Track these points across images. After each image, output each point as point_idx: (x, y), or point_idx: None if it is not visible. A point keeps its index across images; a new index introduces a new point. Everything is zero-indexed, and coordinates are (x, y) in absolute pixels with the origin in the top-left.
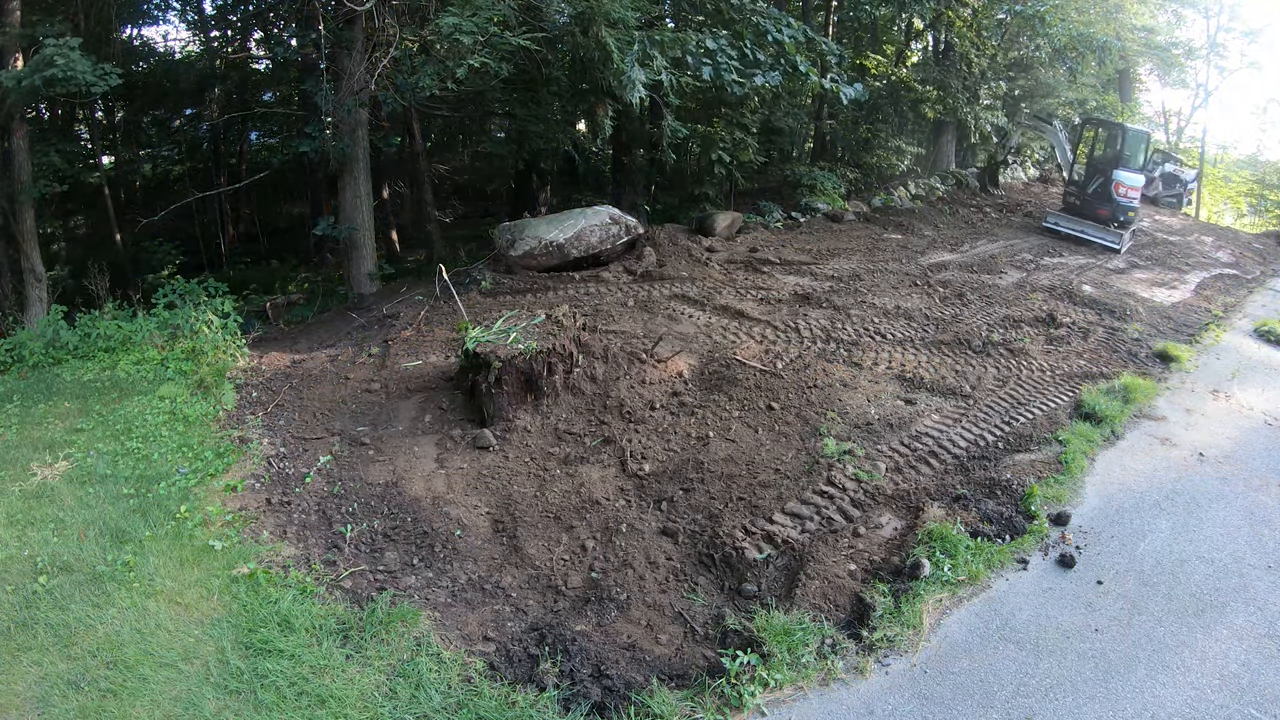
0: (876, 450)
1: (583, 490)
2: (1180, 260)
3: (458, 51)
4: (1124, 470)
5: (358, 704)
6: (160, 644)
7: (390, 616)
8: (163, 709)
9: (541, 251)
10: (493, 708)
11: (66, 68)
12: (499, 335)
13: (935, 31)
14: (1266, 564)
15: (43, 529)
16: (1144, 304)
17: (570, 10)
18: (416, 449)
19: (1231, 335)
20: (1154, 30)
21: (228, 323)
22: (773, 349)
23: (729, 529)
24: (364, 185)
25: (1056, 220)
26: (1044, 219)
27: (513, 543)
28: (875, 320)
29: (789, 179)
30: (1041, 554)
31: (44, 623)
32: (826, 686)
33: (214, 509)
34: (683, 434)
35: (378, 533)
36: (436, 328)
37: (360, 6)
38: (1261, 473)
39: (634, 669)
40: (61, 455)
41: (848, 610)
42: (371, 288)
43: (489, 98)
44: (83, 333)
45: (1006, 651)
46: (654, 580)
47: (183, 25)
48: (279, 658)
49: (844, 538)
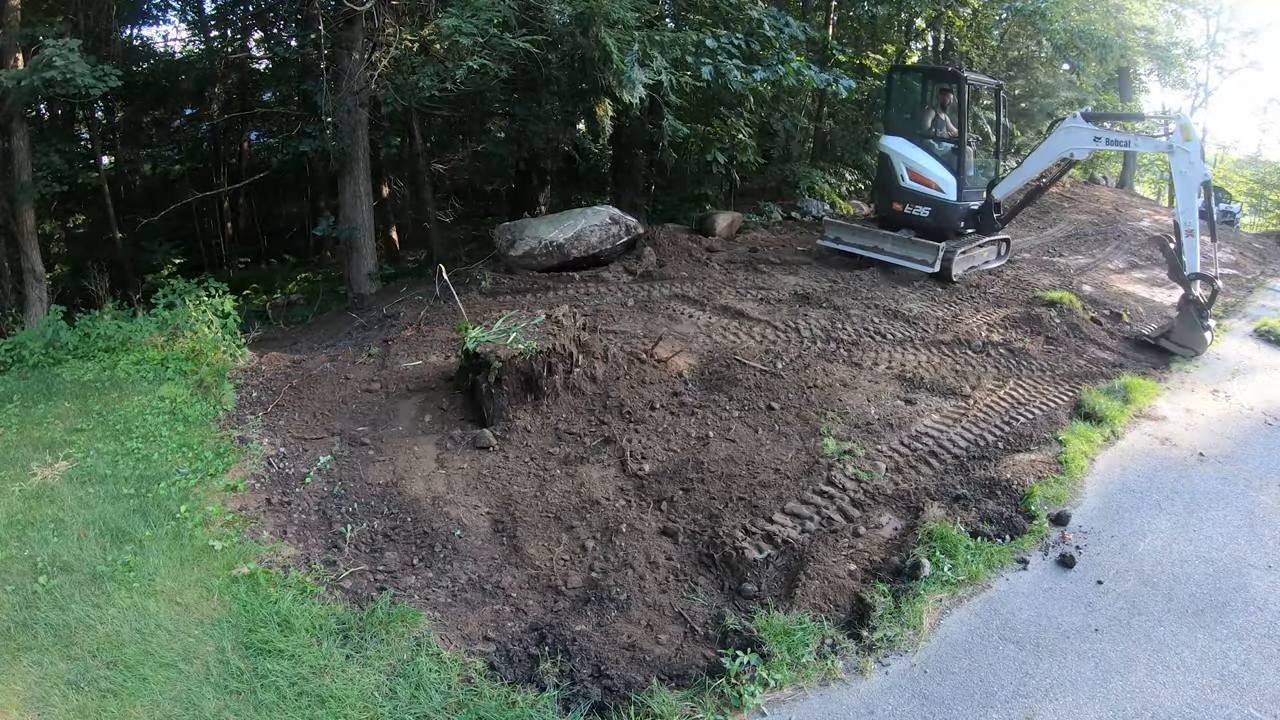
0: (876, 450)
1: (583, 490)
2: None
3: (457, 53)
4: (1124, 470)
5: (358, 704)
6: (160, 644)
7: (390, 616)
8: (163, 709)
9: (541, 251)
10: (493, 708)
11: (66, 69)
12: (499, 335)
13: (935, 31)
14: (1266, 564)
15: (43, 529)
16: (1144, 304)
17: (570, 10)
18: (416, 449)
19: (1231, 335)
20: (1154, 30)
21: (228, 323)
22: (773, 349)
23: (729, 529)
24: (364, 185)
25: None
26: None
27: (513, 543)
28: (875, 320)
29: (789, 179)
30: (1041, 554)
31: (44, 623)
32: (826, 686)
33: (214, 509)
34: (683, 434)
35: (378, 533)
36: (436, 328)
37: (360, 6)
38: (1261, 473)
39: (634, 669)
40: (61, 455)
41: (848, 610)
42: (371, 288)
43: (489, 98)
44: (82, 333)
45: (1006, 651)
46: (654, 580)
47: (183, 25)
48: (279, 658)
49: (844, 538)
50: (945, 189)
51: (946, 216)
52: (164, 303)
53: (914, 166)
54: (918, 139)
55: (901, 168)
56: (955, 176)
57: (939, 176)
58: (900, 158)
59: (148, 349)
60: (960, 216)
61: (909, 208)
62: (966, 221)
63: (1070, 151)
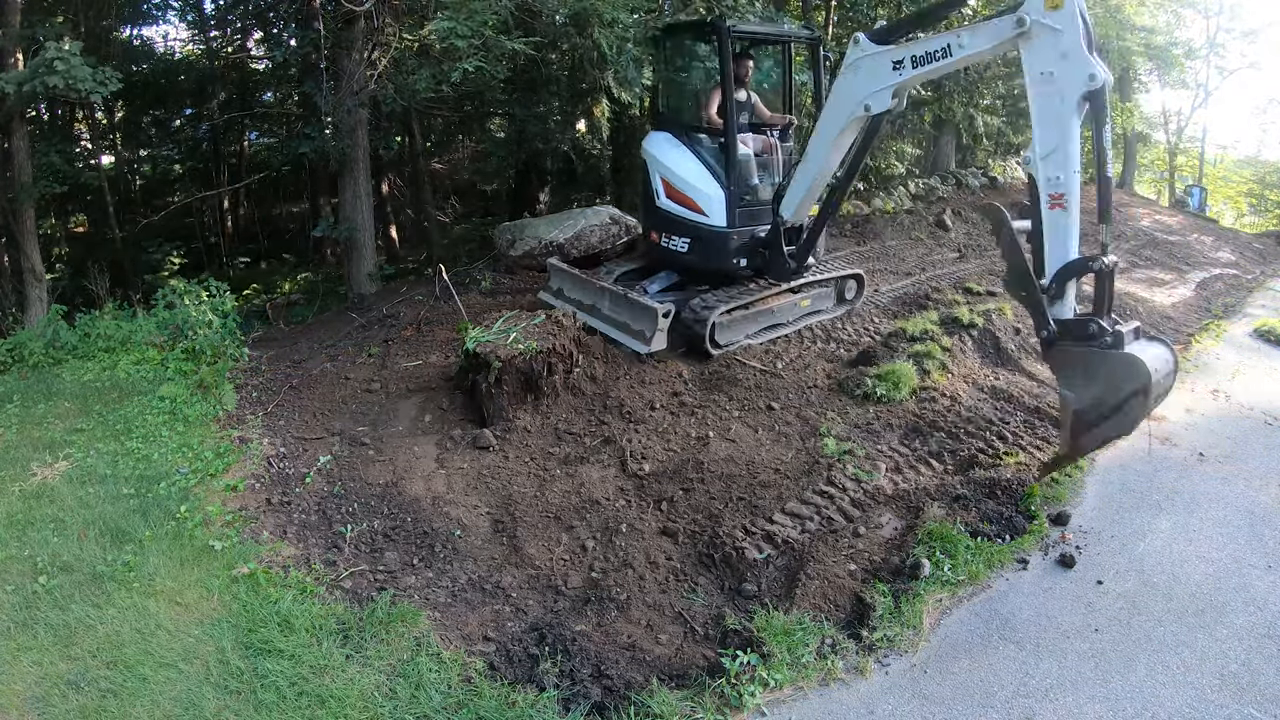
0: (876, 450)
1: (583, 490)
2: (1180, 260)
3: (453, 54)
4: (1124, 470)
5: (358, 704)
6: (160, 644)
7: (390, 616)
8: (163, 709)
9: (541, 251)
10: (493, 708)
11: (67, 74)
12: (499, 335)
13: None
14: (1266, 564)
15: (43, 529)
16: (1143, 304)
17: (567, 11)
18: (416, 449)
19: (1231, 335)
20: (1154, 30)
21: (228, 322)
22: (773, 349)
23: (729, 529)
24: (364, 185)
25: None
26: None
27: (513, 543)
28: (875, 319)
29: None
30: (1041, 554)
31: (44, 623)
32: (826, 686)
33: (214, 509)
34: (683, 434)
35: (378, 533)
36: (436, 328)
37: (360, 7)
38: (1261, 473)
39: (634, 669)
40: (61, 455)
41: (848, 610)
42: (371, 288)
43: (488, 98)
44: (82, 333)
45: (1006, 651)
46: (654, 580)
47: (183, 25)
48: (279, 658)
49: (844, 538)
50: (709, 209)
51: (714, 252)
52: (164, 303)
53: (671, 177)
54: (687, 134)
55: (656, 180)
56: (724, 190)
57: (701, 191)
58: (656, 164)
59: (148, 349)
60: (735, 251)
61: (666, 239)
62: (749, 258)
63: (864, 104)
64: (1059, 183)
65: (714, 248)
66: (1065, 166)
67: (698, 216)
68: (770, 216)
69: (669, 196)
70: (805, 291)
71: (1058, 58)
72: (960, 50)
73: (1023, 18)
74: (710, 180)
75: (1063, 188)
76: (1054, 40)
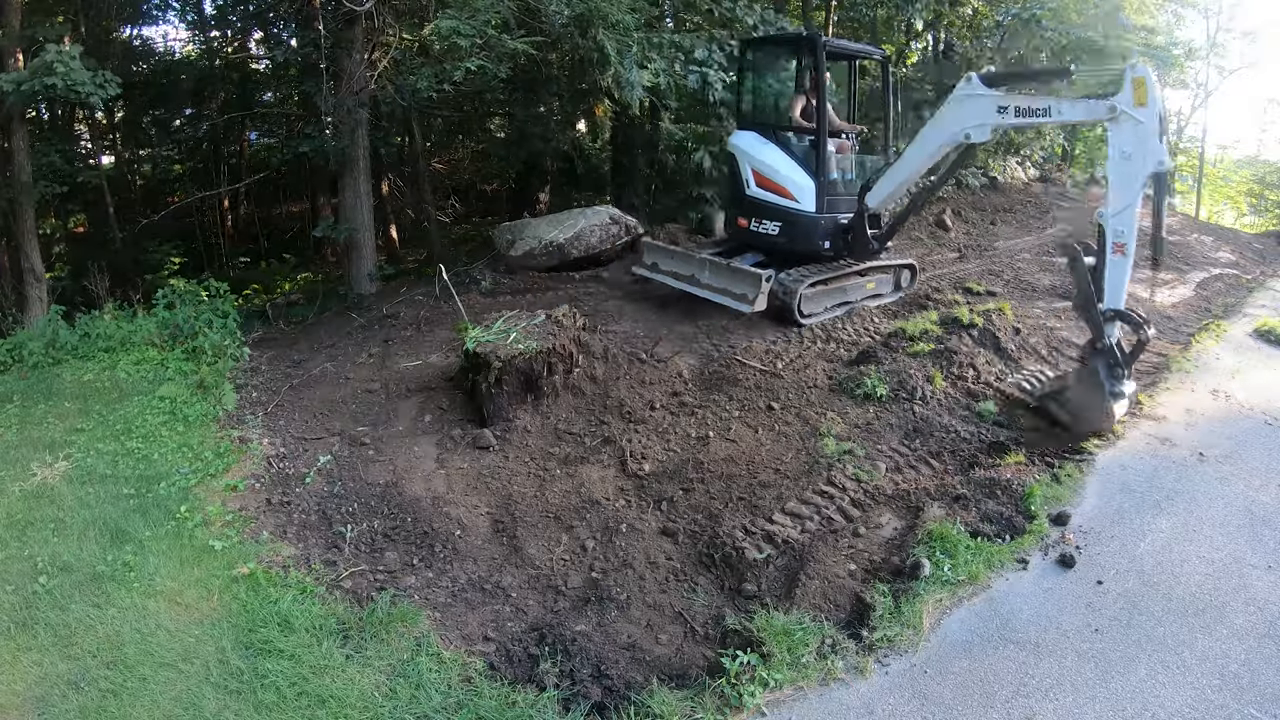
0: (876, 450)
1: (583, 490)
2: (1180, 260)
3: (455, 54)
4: (1124, 470)
5: (358, 704)
6: (160, 644)
7: (390, 616)
8: (163, 709)
9: (541, 251)
10: (493, 708)
11: (66, 76)
12: (499, 335)
13: (935, 31)
14: (1266, 564)
15: (43, 529)
16: (1143, 304)
17: (569, 12)
18: (416, 449)
19: (1231, 335)
20: (1154, 30)
21: (228, 322)
22: (773, 349)
23: (729, 529)
24: (364, 185)
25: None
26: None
27: (513, 543)
28: (875, 319)
29: None
30: (1041, 554)
31: (44, 623)
32: (826, 686)
33: (214, 509)
34: (683, 434)
35: (378, 533)
36: (436, 328)
37: (360, 7)
38: (1261, 473)
39: (634, 669)
40: (61, 455)
41: (848, 610)
42: (371, 288)
43: (489, 98)
44: (82, 333)
45: (1006, 651)
46: (654, 580)
47: (182, 25)
48: (279, 658)
49: (844, 538)
50: (800, 197)
51: (802, 234)
52: (164, 303)
53: (762, 169)
54: (773, 133)
55: (747, 170)
56: (814, 180)
57: (793, 181)
58: (747, 158)
59: (148, 349)
60: (821, 234)
61: (756, 224)
62: (831, 241)
63: (965, 133)
64: (1122, 235)
65: (804, 230)
66: (1128, 224)
67: (789, 203)
68: (848, 207)
69: (760, 185)
70: (870, 275)
71: (1137, 143)
72: (1058, 115)
73: (1114, 106)
74: (801, 172)
75: (1124, 239)
76: (1135, 129)
